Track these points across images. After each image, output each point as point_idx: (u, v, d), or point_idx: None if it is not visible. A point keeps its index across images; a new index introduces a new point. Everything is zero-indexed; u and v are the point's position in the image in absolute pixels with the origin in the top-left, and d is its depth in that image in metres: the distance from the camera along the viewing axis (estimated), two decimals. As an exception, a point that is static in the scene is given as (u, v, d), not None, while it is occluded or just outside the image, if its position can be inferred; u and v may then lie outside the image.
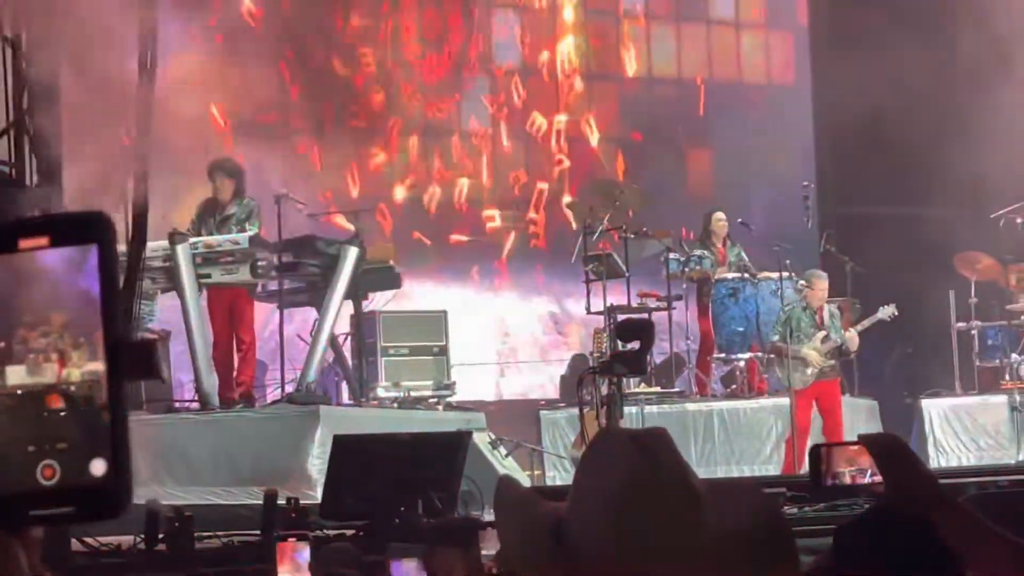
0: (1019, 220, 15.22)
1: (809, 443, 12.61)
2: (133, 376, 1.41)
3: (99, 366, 1.38)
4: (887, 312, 13.46)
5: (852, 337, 13.24)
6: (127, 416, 1.38)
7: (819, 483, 2.77)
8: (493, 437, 12.84)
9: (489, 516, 8.34)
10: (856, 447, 2.75)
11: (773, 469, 13.08)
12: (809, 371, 12.97)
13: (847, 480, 2.77)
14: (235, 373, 12.89)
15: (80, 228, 1.40)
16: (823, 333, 13.09)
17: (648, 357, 8.79)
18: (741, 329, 13.90)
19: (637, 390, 13.41)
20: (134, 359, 1.40)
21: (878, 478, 2.68)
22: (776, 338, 13.33)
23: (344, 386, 13.63)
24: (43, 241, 1.40)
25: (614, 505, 1.87)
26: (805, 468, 12.25)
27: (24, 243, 1.40)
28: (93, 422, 1.38)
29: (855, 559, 2.79)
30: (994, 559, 2.69)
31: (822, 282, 13.30)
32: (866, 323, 13.61)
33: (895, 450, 2.69)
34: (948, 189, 15.62)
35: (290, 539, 3.78)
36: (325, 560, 3.88)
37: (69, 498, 1.38)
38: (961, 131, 15.41)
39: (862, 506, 6.26)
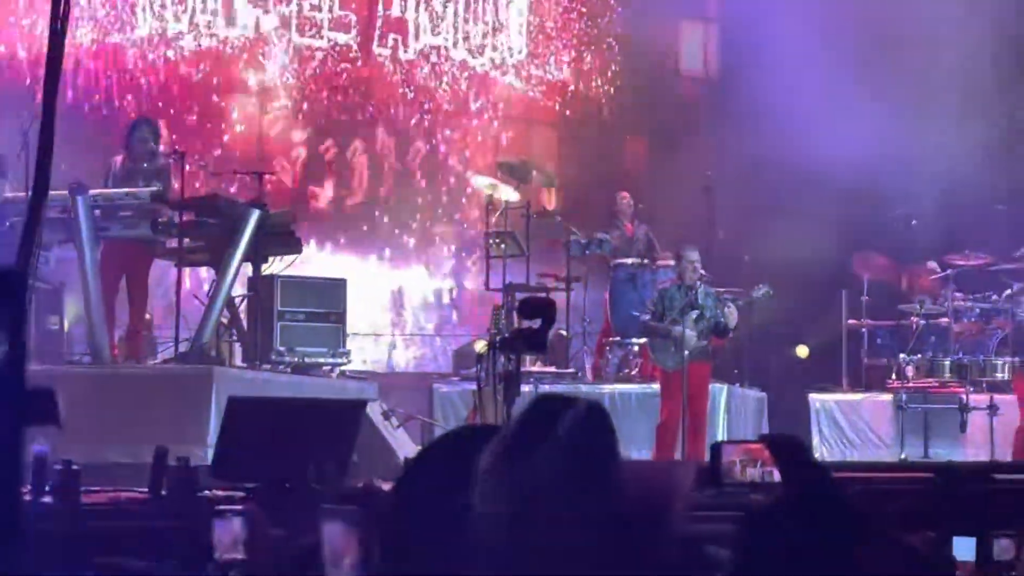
0: (914, 221, 15.46)
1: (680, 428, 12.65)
2: (33, 422, 1.41)
3: None
4: (761, 292, 13.39)
5: (731, 312, 12.80)
6: (20, 461, 1.38)
7: (719, 478, 2.84)
8: (385, 408, 12.85)
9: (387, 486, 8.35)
10: (756, 445, 2.82)
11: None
12: (682, 352, 12.62)
13: (745, 476, 2.84)
14: (126, 329, 12.83)
15: None
16: (696, 313, 12.77)
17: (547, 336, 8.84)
18: (637, 314, 13.98)
19: (532, 369, 13.49)
20: (35, 406, 1.40)
21: (776, 475, 2.76)
22: (647, 317, 13.08)
23: (238, 348, 13.56)
24: None
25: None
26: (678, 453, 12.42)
27: None
28: None
29: (755, 547, 2.87)
30: (882, 555, 2.79)
31: (692, 255, 12.91)
32: (741, 301, 13.52)
33: (794, 450, 2.77)
34: (847, 187, 15.81)
35: (228, 514, 3.77)
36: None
37: None
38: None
39: (746, 494, 6.37)
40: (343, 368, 13.55)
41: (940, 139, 15.95)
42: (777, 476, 2.78)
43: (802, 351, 16.42)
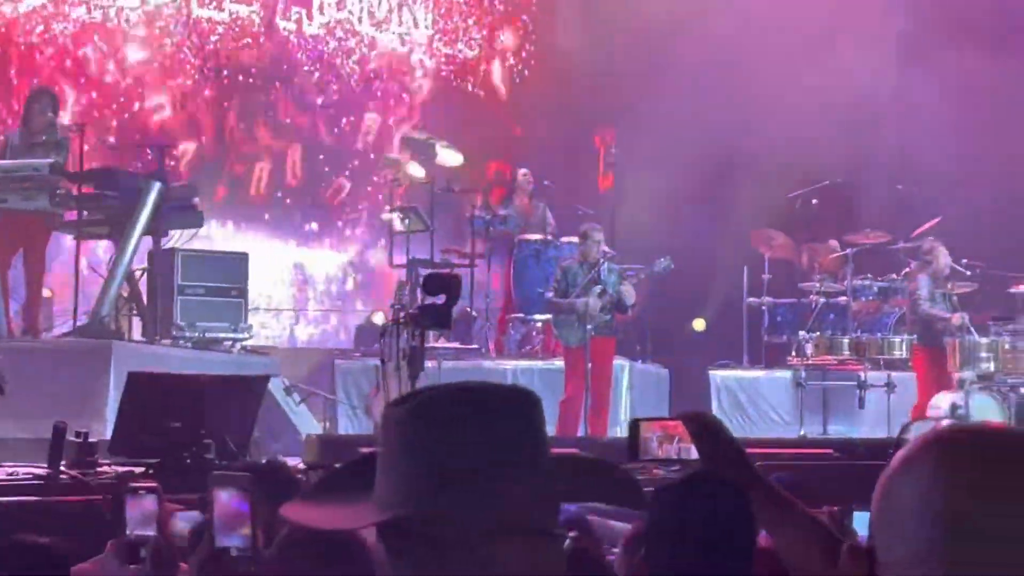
0: (815, 201, 15.60)
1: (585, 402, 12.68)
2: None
3: None
4: (662, 265, 13.43)
5: (628, 290, 12.91)
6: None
7: (636, 455, 2.84)
8: (287, 383, 12.80)
9: (293, 462, 8.31)
10: (673, 422, 2.83)
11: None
12: (586, 327, 12.70)
13: (661, 453, 2.84)
14: (23, 302, 12.66)
15: None
16: (599, 288, 12.84)
17: (451, 312, 8.83)
18: (541, 290, 14.00)
19: (435, 345, 13.45)
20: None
21: (693, 453, 2.77)
22: (550, 294, 13.16)
23: (137, 323, 13.42)
24: None
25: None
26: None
27: None
28: None
29: (670, 520, 2.88)
30: (792, 531, 2.80)
31: (597, 235, 13.07)
32: (642, 276, 13.54)
33: (711, 427, 2.78)
34: (750, 166, 15.90)
35: (140, 491, 3.72)
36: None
37: None
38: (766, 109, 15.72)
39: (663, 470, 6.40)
40: (245, 343, 13.45)
41: (846, 118, 16.09)
42: (694, 453, 2.78)
43: (699, 324, 16.53)
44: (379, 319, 14.49)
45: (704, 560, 2.87)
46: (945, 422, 11.97)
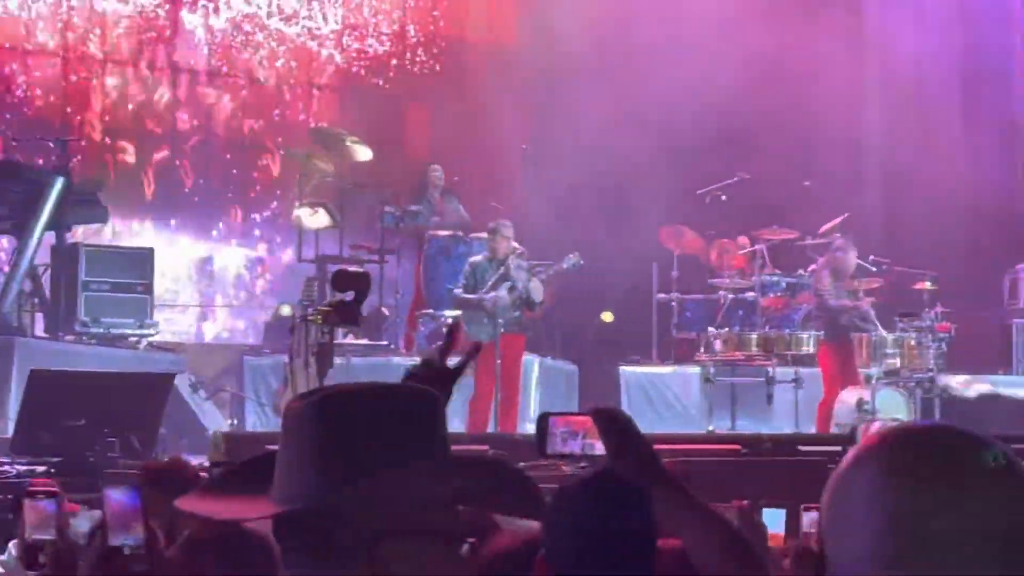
0: (724, 197, 15.66)
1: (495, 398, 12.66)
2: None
3: None
4: (571, 262, 13.40)
5: (536, 287, 12.92)
6: None
7: (543, 450, 2.81)
8: (194, 380, 12.69)
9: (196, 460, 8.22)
10: (580, 417, 2.80)
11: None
12: (495, 323, 12.71)
13: (568, 448, 2.81)
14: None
15: None
16: (508, 284, 12.82)
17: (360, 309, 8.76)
18: (450, 286, 13.95)
19: (344, 341, 13.37)
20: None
21: (598, 448, 2.74)
22: (458, 291, 13.14)
23: (40, 319, 13.24)
24: None
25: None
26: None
27: None
28: None
29: (569, 520, 2.86)
30: (696, 530, 2.78)
31: (506, 230, 13.08)
32: (551, 272, 13.51)
33: (619, 422, 2.75)
34: (659, 162, 15.93)
35: (38, 494, 3.62)
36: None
37: None
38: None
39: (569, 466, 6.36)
40: (151, 339, 13.32)
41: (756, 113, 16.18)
42: (599, 448, 2.75)
43: (607, 316, 16.53)
44: (286, 311, 14.40)
45: (602, 560, 2.85)
46: (877, 424, 12.08)
